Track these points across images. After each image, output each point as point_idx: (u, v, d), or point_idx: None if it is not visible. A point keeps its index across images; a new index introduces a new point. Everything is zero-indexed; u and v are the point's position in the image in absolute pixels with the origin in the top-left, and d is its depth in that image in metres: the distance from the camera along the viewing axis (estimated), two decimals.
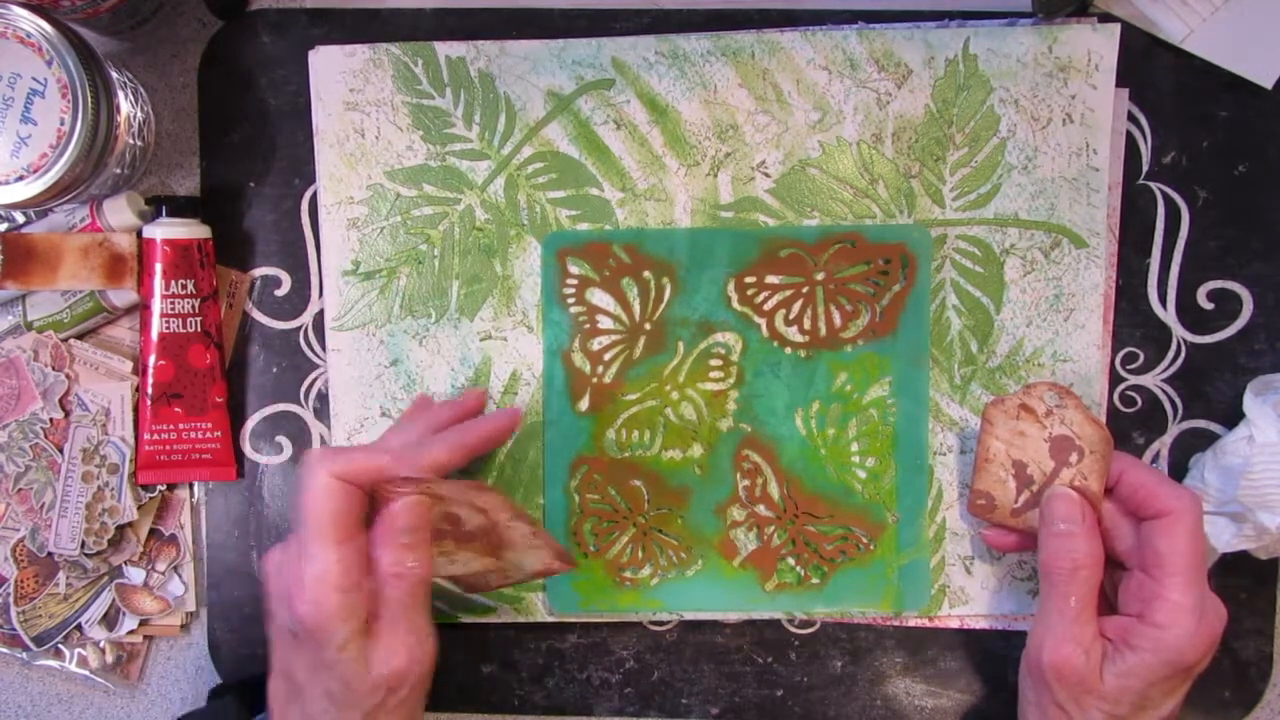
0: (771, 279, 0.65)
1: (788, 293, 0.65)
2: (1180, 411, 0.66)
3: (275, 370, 0.68)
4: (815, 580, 0.65)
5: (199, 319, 0.66)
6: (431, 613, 0.65)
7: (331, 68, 0.65)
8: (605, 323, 0.65)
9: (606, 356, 0.65)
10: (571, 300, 0.65)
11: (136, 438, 0.67)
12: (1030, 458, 0.59)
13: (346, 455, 0.53)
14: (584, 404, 0.66)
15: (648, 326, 0.65)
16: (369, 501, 0.54)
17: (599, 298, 0.65)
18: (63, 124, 0.58)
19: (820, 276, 0.65)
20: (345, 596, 0.51)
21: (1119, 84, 0.63)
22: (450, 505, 0.55)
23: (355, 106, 0.65)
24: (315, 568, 0.51)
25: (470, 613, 0.67)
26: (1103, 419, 0.65)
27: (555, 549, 0.59)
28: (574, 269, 0.65)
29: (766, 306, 0.65)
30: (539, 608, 0.67)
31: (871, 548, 0.65)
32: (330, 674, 0.52)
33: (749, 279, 0.65)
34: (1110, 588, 0.59)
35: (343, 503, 0.52)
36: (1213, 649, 0.55)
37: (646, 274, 0.65)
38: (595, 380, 0.66)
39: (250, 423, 0.68)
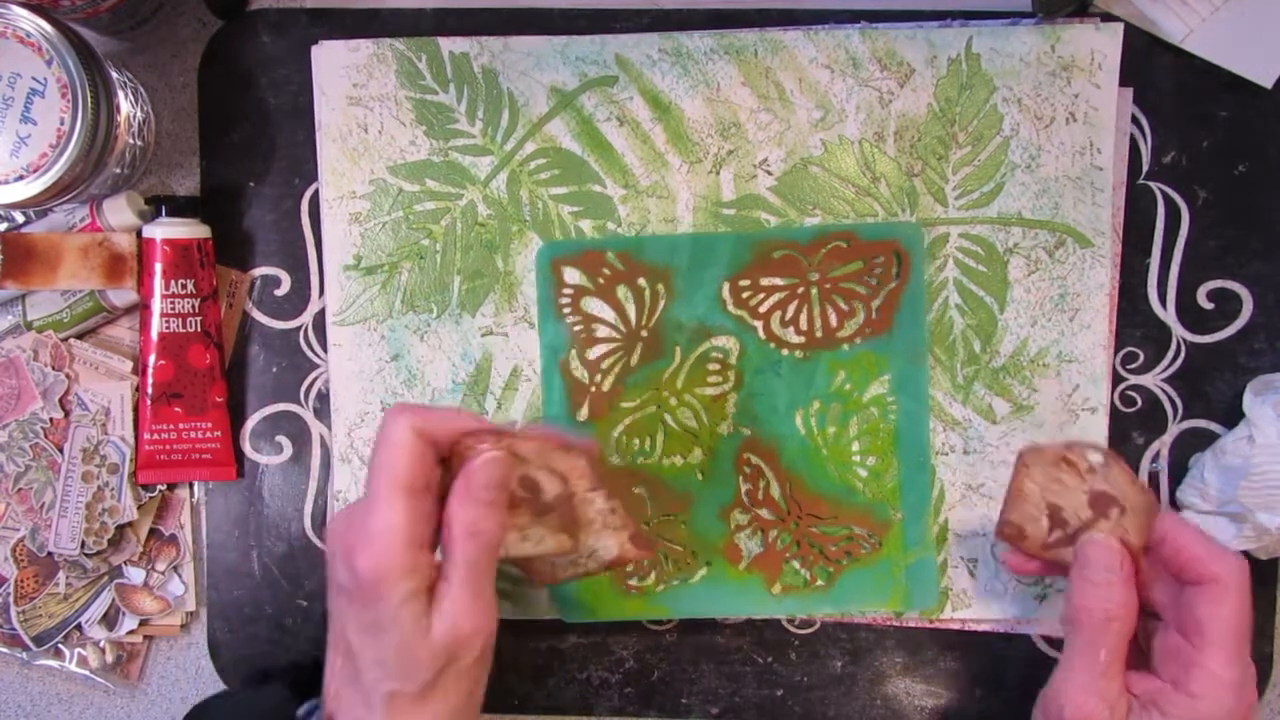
0: (766, 281, 0.65)
1: (783, 294, 0.65)
2: (1180, 411, 0.66)
3: (275, 370, 0.68)
4: (821, 582, 0.65)
5: (199, 319, 0.66)
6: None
7: (335, 62, 0.65)
8: (602, 331, 0.65)
9: (604, 365, 0.65)
10: (567, 310, 0.65)
11: (136, 438, 0.66)
12: (1067, 504, 0.55)
13: (428, 410, 0.51)
14: (583, 413, 0.66)
15: (644, 333, 0.65)
16: (444, 466, 0.52)
17: (595, 306, 0.65)
18: (63, 124, 0.58)
19: (815, 277, 0.65)
20: (410, 551, 0.48)
21: (1122, 84, 0.63)
22: (531, 468, 0.53)
23: (358, 101, 0.65)
24: (381, 519, 0.48)
25: None
26: (1105, 418, 0.65)
27: (632, 530, 0.55)
28: (569, 278, 0.65)
29: (762, 309, 0.65)
30: (539, 604, 0.67)
31: (879, 546, 0.65)
32: (386, 637, 0.48)
33: (744, 282, 0.65)
34: (1144, 637, 0.55)
35: (419, 457, 0.50)
36: (1251, 714, 0.51)
37: (641, 281, 0.65)
38: (594, 389, 0.65)
39: (250, 423, 0.68)
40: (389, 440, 0.50)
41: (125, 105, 0.62)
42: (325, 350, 0.67)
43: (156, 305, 0.65)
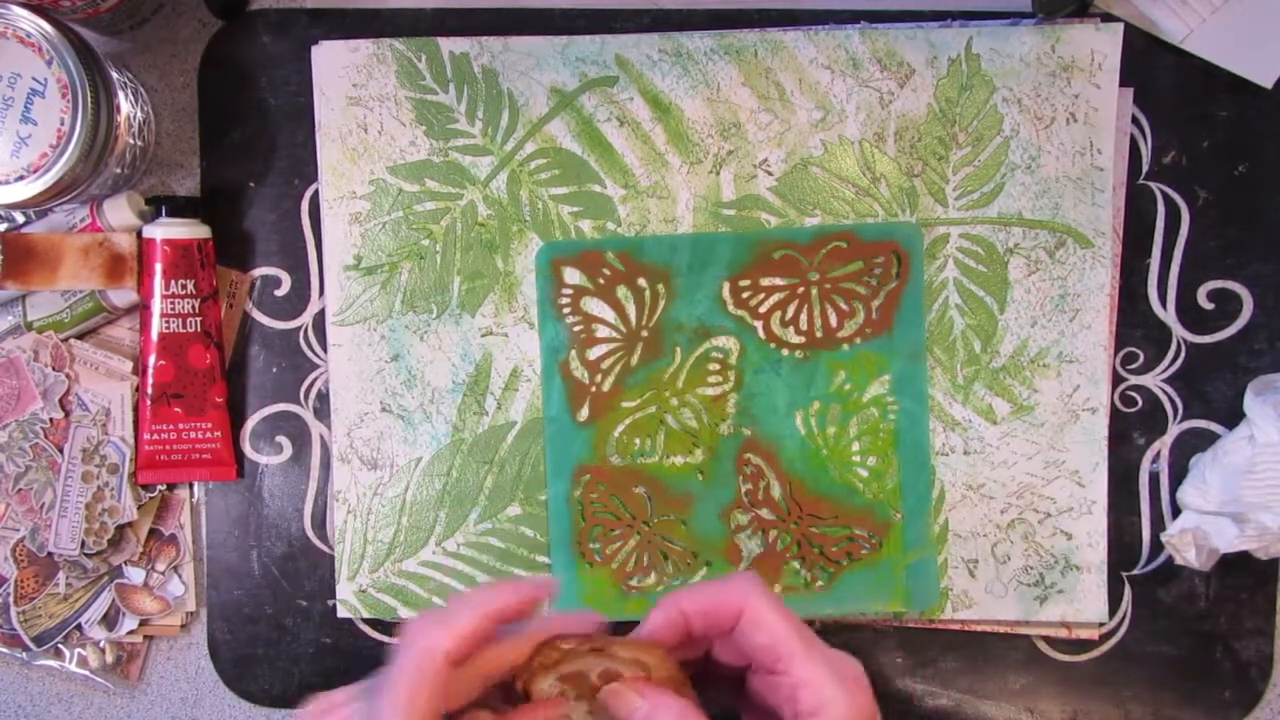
0: (766, 281, 0.65)
1: (783, 294, 0.65)
2: (1180, 411, 0.66)
3: (275, 370, 0.68)
4: (821, 583, 0.65)
5: (199, 319, 0.66)
6: (428, 609, 0.65)
7: (334, 62, 0.65)
8: (602, 331, 0.65)
9: (604, 365, 0.65)
10: (567, 310, 0.65)
11: (136, 438, 0.66)
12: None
13: (468, 620, 0.44)
14: (584, 413, 0.66)
15: (644, 333, 0.65)
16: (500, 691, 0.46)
17: (595, 306, 0.65)
18: (63, 124, 0.58)
19: (815, 277, 0.65)
20: None
21: (1122, 84, 0.63)
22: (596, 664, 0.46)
23: (358, 101, 0.65)
24: None
25: None
26: (1106, 419, 0.65)
27: None
28: (569, 278, 0.65)
29: (762, 309, 0.65)
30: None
31: (879, 547, 0.65)
32: None
33: (744, 282, 0.65)
34: (759, 697, 0.49)
35: (440, 690, 0.43)
36: (872, 701, 0.46)
37: (641, 281, 0.65)
38: (594, 389, 0.65)
39: (250, 423, 0.68)
40: (408, 666, 0.43)
41: (125, 105, 0.62)
42: (325, 350, 0.67)
43: (157, 305, 0.65)
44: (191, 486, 0.69)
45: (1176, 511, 0.65)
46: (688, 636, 0.48)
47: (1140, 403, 0.66)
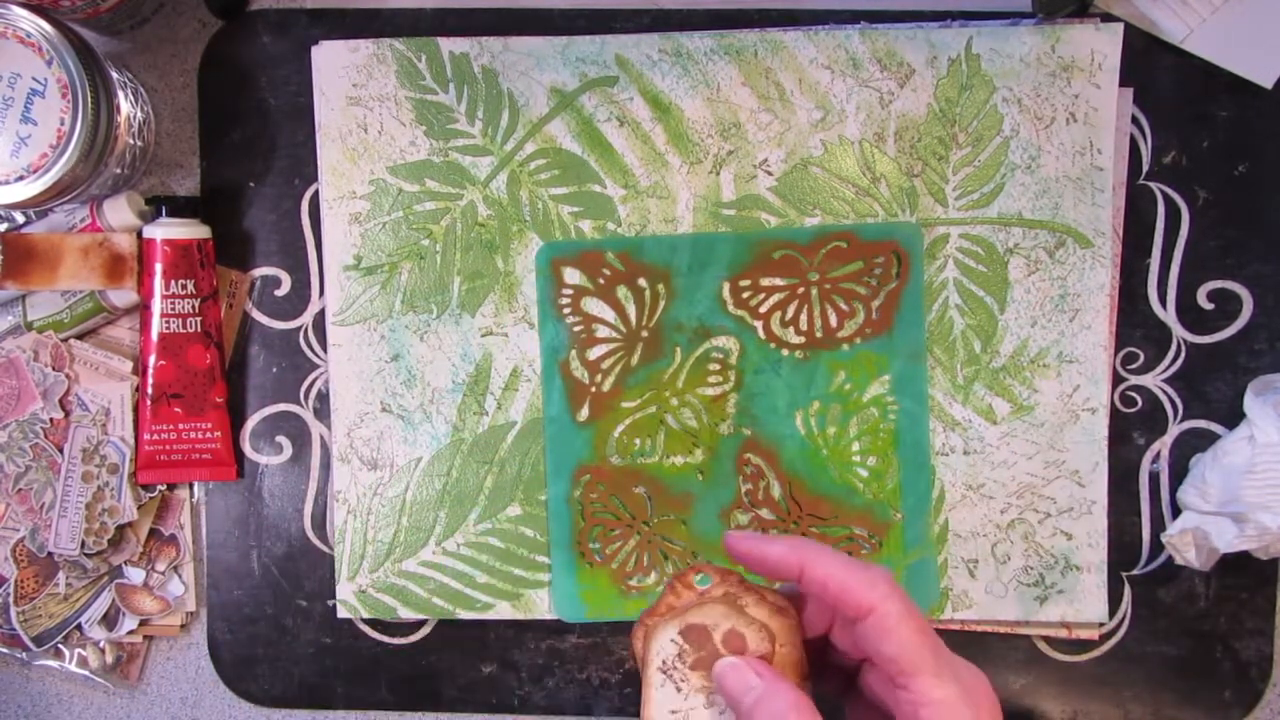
0: (766, 281, 0.65)
1: (783, 294, 0.65)
2: (1180, 411, 0.66)
3: (275, 370, 0.68)
4: None
5: (199, 319, 0.66)
6: (427, 609, 0.65)
7: (334, 63, 0.65)
8: (602, 331, 0.65)
9: (604, 365, 0.65)
10: (567, 310, 0.65)
11: (136, 438, 0.66)
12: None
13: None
14: (584, 413, 0.66)
15: (644, 333, 0.65)
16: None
17: (595, 307, 0.65)
18: (63, 124, 0.58)
19: (815, 277, 0.65)
20: None
21: (1122, 84, 0.63)
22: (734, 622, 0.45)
23: (358, 101, 0.65)
24: None
25: (469, 609, 0.67)
26: (1106, 419, 0.65)
27: None
28: (569, 278, 0.65)
29: (762, 309, 0.65)
30: (539, 605, 0.66)
31: (879, 547, 0.65)
32: None
33: (744, 282, 0.65)
34: (868, 689, 0.48)
35: None
36: (997, 712, 0.45)
37: (641, 281, 0.65)
38: (594, 389, 0.65)
39: (250, 423, 0.68)
40: None
41: (125, 105, 0.62)
42: (325, 350, 0.67)
43: (157, 305, 0.65)
44: (191, 486, 0.69)
45: (1176, 511, 0.65)
46: (816, 604, 0.46)
47: (1140, 403, 0.66)
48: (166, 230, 0.65)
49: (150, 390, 0.66)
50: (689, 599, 0.45)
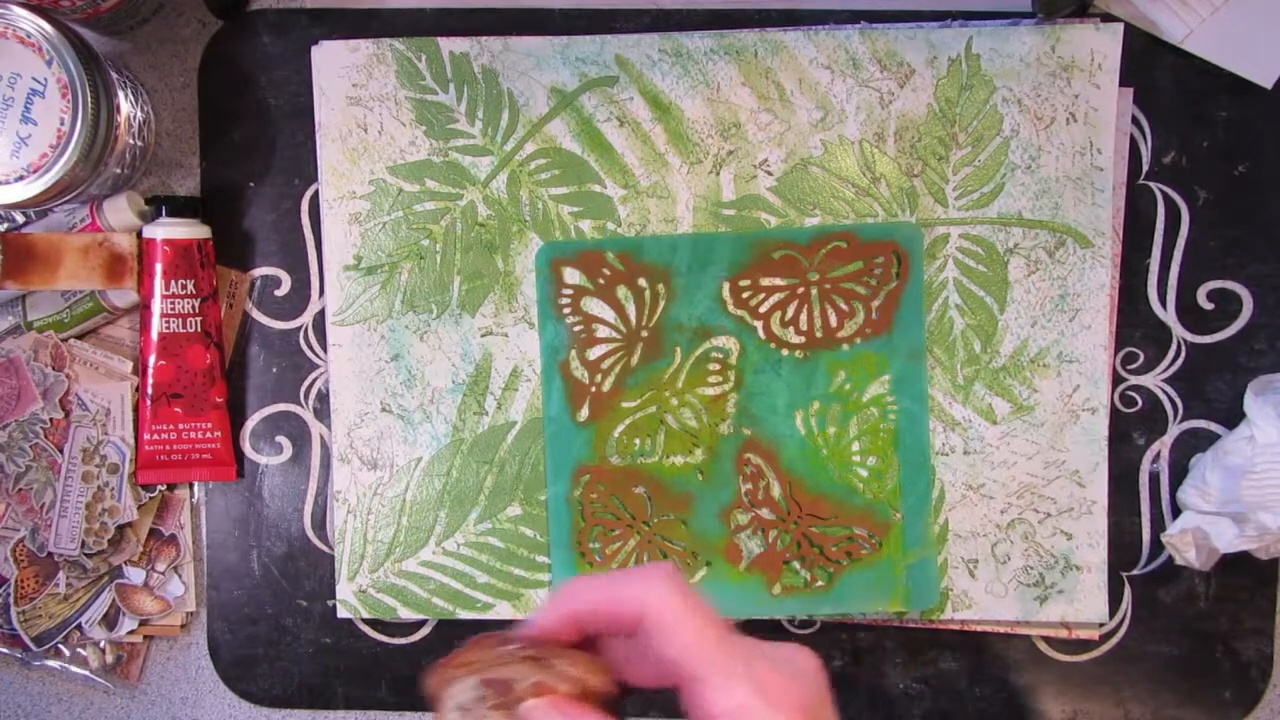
0: (766, 281, 0.65)
1: (783, 294, 0.65)
2: (1180, 411, 0.66)
3: (275, 370, 0.68)
4: (821, 583, 0.65)
5: (199, 319, 0.66)
6: (427, 609, 0.65)
7: (334, 63, 0.65)
8: (602, 331, 0.65)
9: (604, 365, 0.65)
10: (567, 310, 0.65)
11: (136, 438, 0.66)
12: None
13: None
14: (584, 413, 0.66)
15: (644, 333, 0.65)
16: None
17: (595, 307, 0.65)
18: (63, 124, 0.58)
19: (814, 277, 0.65)
20: None
21: (1122, 84, 0.63)
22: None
23: (358, 101, 0.65)
24: None
25: (470, 609, 0.67)
26: (1106, 419, 0.65)
27: None
28: (569, 278, 0.65)
29: (762, 309, 0.65)
30: (539, 605, 0.66)
31: (879, 547, 0.65)
32: None
33: (744, 282, 0.65)
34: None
35: None
36: (819, 689, 0.40)
37: (641, 281, 0.65)
38: (594, 389, 0.65)
39: (250, 423, 0.68)
40: None
41: (125, 105, 0.62)
42: (325, 350, 0.67)
43: (156, 305, 0.65)
44: (191, 486, 0.69)
45: (1176, 511, 0.65)
46: (584, 636, 0.41)
47: (1140, 403, 0.66)
48: (166, 230, 0.65)
49: (150, 390, 0.66)
50: (491, 658, 0.40)
